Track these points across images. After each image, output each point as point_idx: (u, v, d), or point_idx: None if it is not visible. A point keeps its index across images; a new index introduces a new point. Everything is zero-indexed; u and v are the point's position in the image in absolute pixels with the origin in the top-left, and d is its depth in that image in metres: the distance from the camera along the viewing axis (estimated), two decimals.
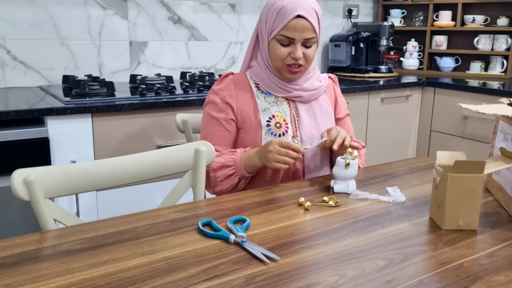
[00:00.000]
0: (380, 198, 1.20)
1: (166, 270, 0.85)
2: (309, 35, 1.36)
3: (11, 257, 0.88)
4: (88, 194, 1.99)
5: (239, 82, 1.46)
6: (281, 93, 1.45)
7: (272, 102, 1.45)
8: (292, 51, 1.37)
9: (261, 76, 1.46)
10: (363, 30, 3.24)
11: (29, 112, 1.82)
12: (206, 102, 1.48)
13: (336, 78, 1.61)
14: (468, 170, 1.01)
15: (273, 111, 1.43)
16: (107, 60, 2.59)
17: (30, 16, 2.34)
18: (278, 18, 1.35)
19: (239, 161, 1.35)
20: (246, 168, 1.35)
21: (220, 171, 1.37)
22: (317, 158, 1.47)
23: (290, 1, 1.35)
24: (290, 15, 1.34)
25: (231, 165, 1.36)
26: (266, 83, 1.45)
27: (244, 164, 1.35)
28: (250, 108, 1.44)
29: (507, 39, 3.13)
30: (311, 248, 0.94)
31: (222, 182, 1.38)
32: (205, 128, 1.46)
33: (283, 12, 1.34)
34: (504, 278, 0.85)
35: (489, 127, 2.71)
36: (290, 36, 1.35)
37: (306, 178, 1.44)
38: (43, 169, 1.12)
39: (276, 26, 1.36)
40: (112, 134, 2.03)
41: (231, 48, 3.00)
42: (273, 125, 1.42)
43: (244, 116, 1.43)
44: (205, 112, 1.48)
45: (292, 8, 1.34)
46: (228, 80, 1.46)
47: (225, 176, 1.37)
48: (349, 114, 1.60)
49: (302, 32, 1.35)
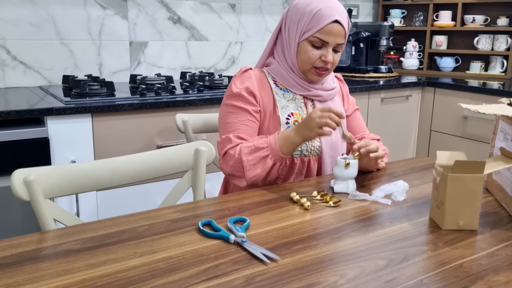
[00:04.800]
0: (378, 200, 1.20)
1: (166, 270, 0.85)
2: (341, 40, 1.38)
3: (11, 257, 0.88)
4: (88, 194, 1.99)
5: (258, 77, 1.45)
6: (301, 91, 1.45)
7: (290, 99, 1.45)
8: (323, 55, 1.38)
9: (281, 74, 1.45)
10: (363, 30, 3.24)
11: (29, 112, 1.82)
12: (229, 94, 1.42)
13: (341, 76, 1.63)
14: (468, 170, 1.01)
15: (291, 108, 1.43)
16: (107, 60, 2.59)
17: (30, 16, 2.34)
18: (314, 20, 1.35)
19: (273, 142, 1.31)
20: (282, 148, 1.30)
21: (253, 153, 1.31)
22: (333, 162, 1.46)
23: (326, 5, 1.35)
24: (328, 19, 1.34)
25: (265, 146, 1.31)
26: (286, 81, 1.45)
27: (280, 145, 1.30)
28: (270, 103, 1.43)
29: (507, 39, 3.13)
30: (311, 248, 0.94)
31: (255, 165, 1.31)
32: (232, 119, 1.39)
33: (320, 15, 1.35)
34: (504, 278, 0.85)
35: (489, 127, 2.71)
36: (324, 40, 1.36)
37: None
38: (43, 169, 1.12)
39: (311, 28, 1.36)
40: (112, 134, 2.03)
41: (231, 48, 3.00)
42: (292, 122, 1.41)
43: (266, 111, 1.42)
44: (229, 104, 1.41)
45: (330, 13, 1.34)
46: (248, 74, 1.44)
47: (259, 158, 1.30)
48: (358, 109, 1.60)
49: (336, 37, 1.36)
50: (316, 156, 1.44)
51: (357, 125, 1.58)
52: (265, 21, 3.10)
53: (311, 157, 1.44)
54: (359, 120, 1.59)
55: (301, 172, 1.44)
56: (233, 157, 1.32)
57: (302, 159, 1.43)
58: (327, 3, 1.36)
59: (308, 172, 1.45)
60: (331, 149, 1.45)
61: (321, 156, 1.45)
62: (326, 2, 1.36)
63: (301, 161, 1.43)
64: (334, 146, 1.46)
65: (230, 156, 1.32)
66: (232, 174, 1.33)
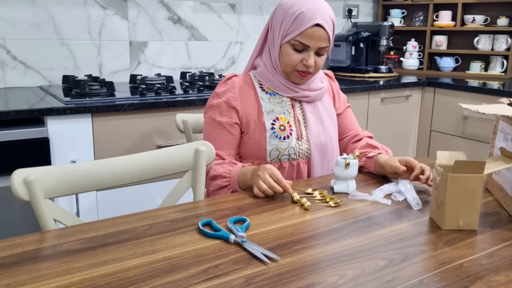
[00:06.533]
0: (378, 200, 1.20)
1: (166, 270, 0.85)
2: (324, 44, 1.36)
3: (11, 257, 0.88)
4: (88, 194, 1.99)
5: (242, 84, 1.44)
6: (288, 93, 1.44)
7: (276, 103, 1.43)
8: (305, 58, 1.36)
9: (267, 77, 1.44)
10: (363, 30, 3.24)
11: (29, 112, 1.82)
12: (208, 105, 1.44)
13: (331, 73, 1.60)
14: (468, 170, 1.01)
15: (277, 113, 1.42)
16: (107, 60, 2.59)
17: (30, 16, 2.34)
18: (296, 23, 1.33)
19: (235, 175, 1.32)
20: (240, 183, 1.31)
21: (215, 180, 1.36)
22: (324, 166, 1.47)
23: (309, 8, 1.32)
24: (309, 22, 1.32)
25: (227, 177, 1.34)
26: (272, 84, 1.44)
27: (238, 179, 1.31)
28: (254, 110, 1.42)
29: (507, 39, 3.13)
30: (311, 248, 0.94)
31: (215, 191, 1.37)
32: (208, 132, 1.43)
33: (301, 18, 1.32)
34: (504, 278, 0.85)
35: (489, 127, 2.71)
36: (305, 43, 1.34)
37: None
38: (43, 169, 1.12)
39: (292, 30, 1.34)
40: (112, 134, 2.03)
41: (231, 48, 3.00)
42: (277, 128, 1.41)
43: (249, 119, 1.42)
44: (207, 116, 1.44)
45: (312, 16, 1.32)
46: (232, 83, 1.43)
47: (218, 186, 1.36)
48: (349, 106, 1.59)
49: (317, 40, 1.34)
50: (305, 158, 1.44)
51: (349, 122, 1.56)
52: (265, 21, 3.10)
53: (300, 160, 1.43)
54: (351, 117, 1.57)
55: (291, 176, 1.43)
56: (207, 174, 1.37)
57: (291, 162, 1.42)
58: (310, 6, 1.33)
59: (298, 175, 1.44)
60: (319, 151, 1.45)
61: (309, 159, 1.44)
62: (309, 5, 1.33)
63: (290, 165, 1.42)
64: (322, 148, 1.45)
65: (207, 170, 1.37)
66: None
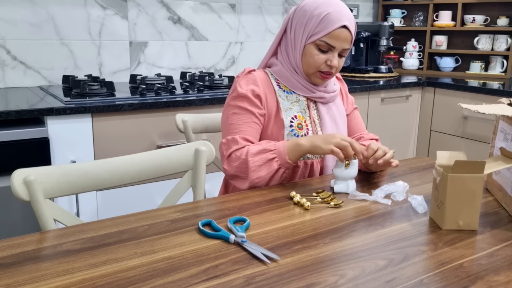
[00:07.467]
0: (378, 200, 1.20)
1: (166, 270, 0.85)
2: (347, 45, 1.38)
3: (11, 257, 0.88)
4: (88, 194, 1.99)
5: (262, 79, 1.44)
6: (306, 92, 1.44)
7: (293, 101, 1.44)
8: (329, 59, 1.37)
9: (285, 75, 1.44)
10: (363, 30, 3.24)
11: (29, 112, 1.82)
12: (234, 95, 1.41)
13: (340, 75, 1.62)
14: (468, 170, 1.01)
15: (295, 111, 1.43)
16: (107, 60, 2.59)
17: (30, 16, 2.34)
18: (322, 24, 1.34)
19: (281, 146, 1.30)
20: (289, 153, 1.29)
21: (260, 155, 1.30)
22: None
23: (335, 10, 1.34)
24: (336, 23, 1.33)
25: (273, 149, 1.31)
26: (290, 83, 1.44)
27: (287, 150, 1.30)
28: (274, 106, 1.42)
29: (507, 39, 3.13)
30: (311, 248, 0.94)
31: (260, 167, 1.30)
32: (237, 120, 1.38)
33: (329, 19, 1.34)
34: (504, 278, 0.85)
35: (489, 127, 2.71)
36: (331, 44, 1.35)
37: None
38: (43, 169, 1.12)
39: (318, 31, 1.35)
40: (112, 134, 2.03)
41: (231, 48, 3.00)
42: (295, 125, 1.41)
43: (270, 114, 1.42)
44: (233, 105, 1.40)
45: (339, 17, 1.34)
46: (255, 76, 1.43)
47: (265, 160, 1.29)
48: (356, 108, 1.60)
49: (343, 42, 1.36)
50: (319, 158, 1.44)
51: (356, 124, 1.58)
52: (265, 21, 3.10)
53: (314, 159, 1.44)
54: (358, 119, 1.59)
55: (303, 174, 1.44)
56: (238, 159, 1.31)
57: (305, 162, 1.42)
58: (336, 8, 1.35)
59: (311, 174, 1.45)
60: None
61: (323, 158, 1.45)
62: (335, 7, 1.35)
63: (304, 164, 1.42)
64: None
65: (236, 157, 1.32)
66: (235, 175, 1.33)
